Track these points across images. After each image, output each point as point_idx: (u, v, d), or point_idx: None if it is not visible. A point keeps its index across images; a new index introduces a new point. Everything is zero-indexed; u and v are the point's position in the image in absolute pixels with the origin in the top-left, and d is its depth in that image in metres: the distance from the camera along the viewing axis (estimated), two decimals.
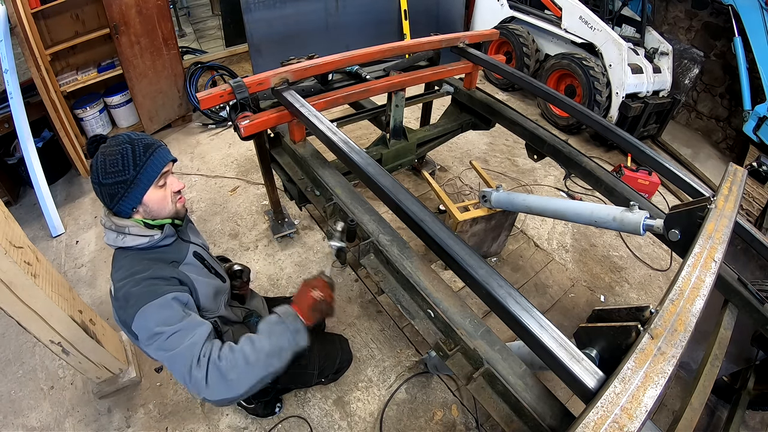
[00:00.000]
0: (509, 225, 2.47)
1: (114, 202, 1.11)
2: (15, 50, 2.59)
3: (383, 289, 1.27)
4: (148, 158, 1.12)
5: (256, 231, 2.76)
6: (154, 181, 1.12)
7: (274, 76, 1.81)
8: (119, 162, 1.08)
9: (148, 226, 1.14)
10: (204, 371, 0.95)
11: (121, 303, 1.05)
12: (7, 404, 1.85)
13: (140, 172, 1.10)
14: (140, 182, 1.10)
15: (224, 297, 1.35)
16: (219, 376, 0.96)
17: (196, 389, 0.96)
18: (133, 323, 1.01)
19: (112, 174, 1.08)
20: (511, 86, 4.93)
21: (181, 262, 1.19)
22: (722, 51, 4.37)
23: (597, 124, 1.93)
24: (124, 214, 1.13)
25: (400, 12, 4.47)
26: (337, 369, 1.71)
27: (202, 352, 0.97)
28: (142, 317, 1.00)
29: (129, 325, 1.03)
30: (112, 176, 1.08)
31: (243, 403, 1.77)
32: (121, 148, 1.09)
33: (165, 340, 0.98)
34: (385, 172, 1.40)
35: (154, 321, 0.99)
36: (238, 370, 0.98)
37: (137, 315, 1.00)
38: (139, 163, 1.10)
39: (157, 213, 1.16)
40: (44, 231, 2.71)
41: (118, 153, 1.08)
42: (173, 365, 0.98)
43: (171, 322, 1.00)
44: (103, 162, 1.09)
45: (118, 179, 1.08)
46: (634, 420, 0.68)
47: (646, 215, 1.35)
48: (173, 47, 3.50)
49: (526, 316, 0.94)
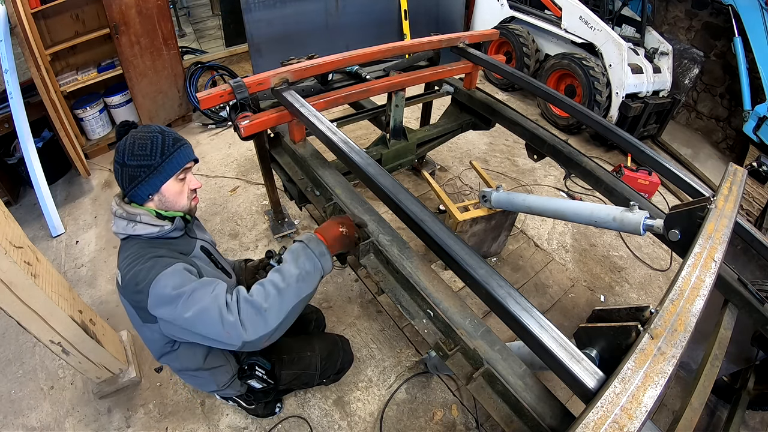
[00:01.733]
0: (509, 225, 2.47)
1: (133, 185, 1.13)
2: (15, 50, 2.59)
3: (383, 289, 1.27)
4: (175, 150, 1.16)
5: (256, 231, 2.76)
6: (176, 173, 1.15)
7: (274, 76, 1.81)
8: (148, 146, 1.12)
9: (160, 217, 1.16)
10: (236, 313, 0.96)
11: (131, 285, 1.05)
12: (7, 404, 1.85)
13: (165, 161, 1.14)
14: (163, 170, 1.13)
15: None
16: (253, 311, 0.97)
17: (234, 336, 0.96)
18: (149, 298, 1.00)
19: (138, 156, 1.11)
20: (511, 86, 4.93)
21: (188, 254, 1.22)
22: (722, 51, 4.37)
23: (597, 124, 1.93)
24: (138, 200, 1.16)
25: (400, 12, 4.47)
26: (338, 369, 1.72)
27: (228, 298, 0.99)
28: (156, 287, 1.00)
29: (145, 305, 1.01)
30: (138, 159, 1.11)
31: (243, 404, 1.78)
32: (152, 135, 1.14)
33: (188, 298, 0.98)
34: (385, 172, 1.40)
35: (170, 286, 0.99)
36: (270, 300, 0.99)
37: (151, 287, 1.00)
38: (166, 152, 1.14)
39: (171, 204, 1.18)
40: (44, 231, 2.71)
41: (149, 139, 1.13)
42: (203, 321, 0.97)
43: (186, 283, 1.01)
44: (132, 144, 1.12)
45: (143, 163, 1.12)
46: (634, 420, 0.68)
47: (646, 215, 1.35)
48: (173, 47, 3.50)
49: (526, 316, 0.94)
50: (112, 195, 3.01)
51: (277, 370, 1.52)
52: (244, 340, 0.96)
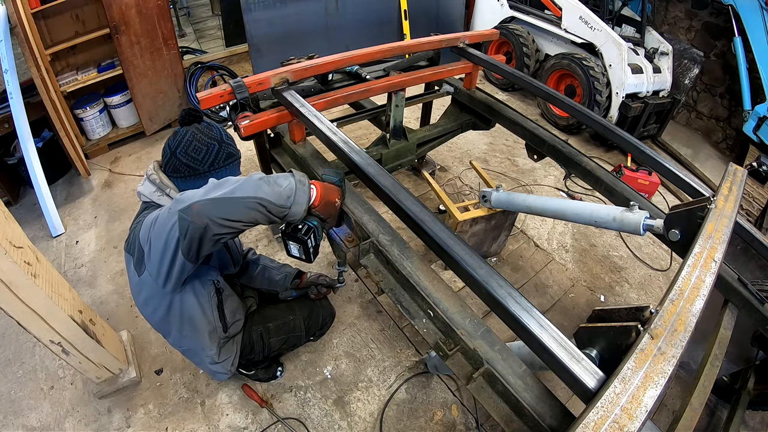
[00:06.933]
0: (509, 225, 2.47)
1: (174, 174, 1.21)
2: (15, 50, 2.59)
3: (383, 289, 1.27)
4: (224, 166, 1.24)
5: (256, 230, 2.76)
6: None
7: (274, 76, 1.81)
8: (202, 152, 1.19)
9: None
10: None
11: (146, 225, 1.09)
12: (7, 404, 1.85)
13: (211, 173, 1.21)
14: (205, 178, 1.18)
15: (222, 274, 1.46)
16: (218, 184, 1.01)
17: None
18: (177, 203, 0.99)
19: (190, 157, 1.18)
20: (511, 86, 4.93)
21: None
22: (722, 51, 4.38)
23: (597, 124, 1.93)
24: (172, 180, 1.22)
25: (400, 12, 4.47)
26: (322, 325, 1.81)
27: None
28: (181, 196, 1.01)
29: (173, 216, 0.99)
30: (189, 159, 1.18)
31: (243, 371, 1.82)
32: (210, 143, 1.20)
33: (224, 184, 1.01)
34: (385, 172, 1.40)
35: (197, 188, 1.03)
36: (234, 180, 1.02)
37: (175, 201, 1.01)
38: (216, 165, 1.22)
39: None
40: (44, 231, 2.71)
41: (205, 145, 1.19)
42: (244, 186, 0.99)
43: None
44: (189, 143, 1.18)
45: (191, 165, 1.19)
46: (634, 420, 0.68)
47: (646, 215, 1.35)
48: (173, 47, 3.50)
49: (526, 316, 0.94)
50: (112, 195, 3.03)
51: (266, 338, 1.63)
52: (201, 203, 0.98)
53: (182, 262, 1.06)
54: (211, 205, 0.97)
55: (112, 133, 3.53)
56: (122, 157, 3.45)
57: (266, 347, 1.64)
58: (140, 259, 1.14)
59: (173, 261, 1.07)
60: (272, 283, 1.73)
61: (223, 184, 1.00)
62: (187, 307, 1.31)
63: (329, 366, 2.05)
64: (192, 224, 0.97)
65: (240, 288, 1.73)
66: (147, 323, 1.47)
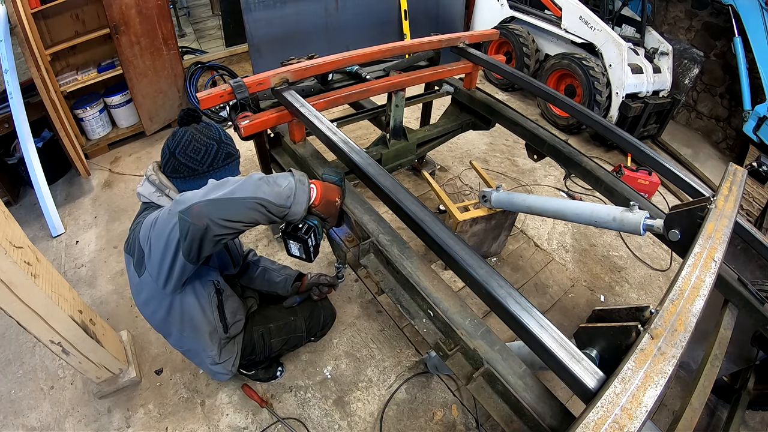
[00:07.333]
0: (509, 225, 2.47)
1: (173, 175, 1.21)
2: (15, 50, 2.59)
3: (383, 289, 1.27)
4: (223, 165, 1.24)
5: (256, 230, 2.76)
6: None
7: (274, 76, 1.81)
8: (201, 152, 1.19)
9: None
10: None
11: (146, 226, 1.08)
12: (7, 404, 1.85)
13: (210, 173, 1.21)
14: (204, 178, 1.19)
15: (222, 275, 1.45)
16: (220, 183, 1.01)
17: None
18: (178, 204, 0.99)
19: (188, 157, 1.18)
20: (511, 86, 4.93)
21: None
22: (722, 51, 4.38)
23: (597, 124, 1.93)
24: (170, 180, 1.22)
25: (400, 12, 4.47)
26: (323, 325, 1.81)
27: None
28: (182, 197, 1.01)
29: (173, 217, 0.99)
30: (187, 159, 1.18)
31: (243, 371, 1.82)
32: (209, 143, 1.20)
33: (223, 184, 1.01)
34: (385, 172, 1.40)
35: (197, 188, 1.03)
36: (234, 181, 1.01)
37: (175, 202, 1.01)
38: (215, 165, 1.22)
39: None
40: (44, 231, 2.71)
41: (204, 145, 1.19)
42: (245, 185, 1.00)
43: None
44: (188, 143, 1.18)
45: (190, 165, 1.19)
46: (634, 420, 0.68)
47: (646, 215, 1.35)
48: (173, 47, 3.50)
49: (526, 316, 0.94)
50: (112, 195, 3.03)
51: (267, 339, 1.63)
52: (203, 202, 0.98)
53: (183, 263, 1.06)
54: (211, 206, 0.97)
55: (112, 133, 3.53)
56: (122, 157, 3.45)
57: (267, 348, 1.64)
58: (140, 260, 1.14)
59: (174, 262, 1.07)
60: (272, 285, 1.73)
61: (223, 185, 1.00)
62: (187, 308, 1.31)
63: (329, 366, 2.05)
64: (192, 225, 0.96)
65: (241, 288, 1.73)
66: (147, 323, 1.47)
